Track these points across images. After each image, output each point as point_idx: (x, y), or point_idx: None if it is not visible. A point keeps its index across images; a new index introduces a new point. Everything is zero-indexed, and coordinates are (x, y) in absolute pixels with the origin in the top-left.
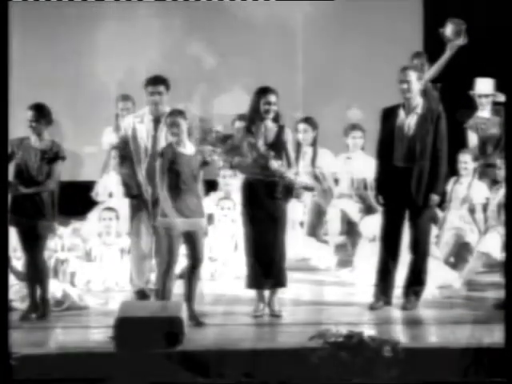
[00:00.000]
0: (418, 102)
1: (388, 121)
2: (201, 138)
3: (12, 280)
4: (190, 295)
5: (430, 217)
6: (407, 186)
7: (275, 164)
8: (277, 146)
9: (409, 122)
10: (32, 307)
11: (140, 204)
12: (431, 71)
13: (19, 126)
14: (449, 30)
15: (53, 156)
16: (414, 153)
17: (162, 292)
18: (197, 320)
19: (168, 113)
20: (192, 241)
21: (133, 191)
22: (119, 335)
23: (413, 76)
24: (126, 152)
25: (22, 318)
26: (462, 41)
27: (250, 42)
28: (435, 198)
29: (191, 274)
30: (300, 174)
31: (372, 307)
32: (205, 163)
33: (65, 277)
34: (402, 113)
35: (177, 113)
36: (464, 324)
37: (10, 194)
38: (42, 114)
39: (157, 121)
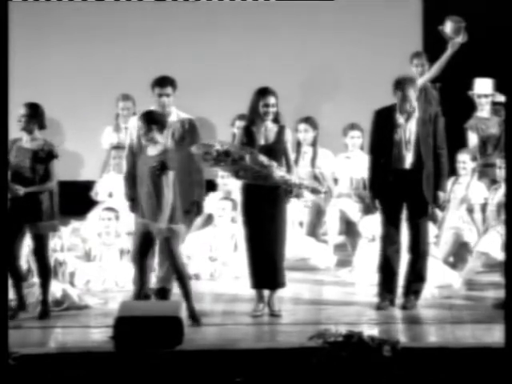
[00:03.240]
0: (414, 105)
1: (384, 124)
2: (202, 154)
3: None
4: (184, 295)
5: (428, 216)
6: (412, 188)
7: (279, 172)
8: (277, 146)
9: (409, 127)
10: (20, 306)
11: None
12: (433, 70)
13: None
14: (448, 27)
15: (46, 156)
16: (420, 156)
17: (137, 291)
18: (195, 318)
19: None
20: (164, 245)
21: (131, 194)
22: (119, 335)
23: (411, 91)
24: (134, 158)
25: (11, 317)
26: (461, 38)
27: (251, 42)
28: (442, 195)
29: (175, 276)
30: (300, 175)
31: (379, 307)
32: (163, 167)
33: (64, 277)
34: (400, 118)
35: (143, 114)
36: (464, 324)
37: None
38: (33, 112)
39: None
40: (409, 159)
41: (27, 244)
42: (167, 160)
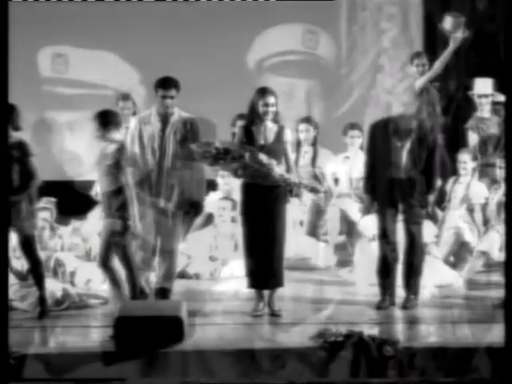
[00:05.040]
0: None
1: (380, 141)
2: (202, 151)
3: (12, 280)
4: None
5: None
6: (408, 193)
7: (279, 171)
8: (276, 146)
9: (406, 145)
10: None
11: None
12: (435, 67)
13: None
14: (448, 23)
15: (20, 154)
16: (415, 167)
17: (130, 290)
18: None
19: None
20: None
21: None
22: (119, 335)
23: (408, 140)
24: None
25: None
26: (462, 33)
27: (251, 42)
28: (431, 198)
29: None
30: (300, 175)
31: (379, 307)
32: (117, 165)
33: (64, 277)
34: (396, 142)
35: (98, 116)
36: (464, 324)
37: None
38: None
39: (164, 121)
40: (405, 171)
41: None
42: (121, 157)
